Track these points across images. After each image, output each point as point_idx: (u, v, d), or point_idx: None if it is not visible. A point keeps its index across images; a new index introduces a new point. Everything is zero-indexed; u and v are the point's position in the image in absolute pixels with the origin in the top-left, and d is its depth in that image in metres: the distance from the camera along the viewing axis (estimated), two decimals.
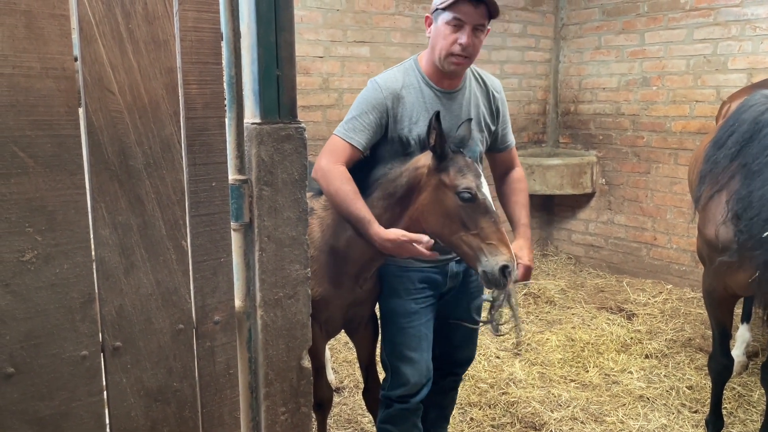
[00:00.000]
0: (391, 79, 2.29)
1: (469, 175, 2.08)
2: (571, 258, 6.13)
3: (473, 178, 2.08)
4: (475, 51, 2.24)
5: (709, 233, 2.71)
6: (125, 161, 1.23)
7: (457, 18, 2.17)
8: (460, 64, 2.23)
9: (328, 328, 2.47)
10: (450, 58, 2.21)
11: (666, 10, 5.23)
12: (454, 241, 2.10)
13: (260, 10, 1.38)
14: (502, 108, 2.46)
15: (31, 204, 1.13)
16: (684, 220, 5.26)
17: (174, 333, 1.34)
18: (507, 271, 2.03)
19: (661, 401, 3.48)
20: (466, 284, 2.51)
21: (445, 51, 2.21)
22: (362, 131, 2.22)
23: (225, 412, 1.45)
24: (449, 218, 2.09)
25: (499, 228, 2.06)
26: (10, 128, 1.10)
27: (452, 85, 2.33)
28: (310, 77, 4.80)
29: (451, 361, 2.65)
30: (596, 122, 5.86)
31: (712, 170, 2.77)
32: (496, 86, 2.46)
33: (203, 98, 1.31)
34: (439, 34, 2.22)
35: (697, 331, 4.40)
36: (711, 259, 2.80)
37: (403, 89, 2.27)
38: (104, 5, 1.17)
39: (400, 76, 2.31)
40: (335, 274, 2.32)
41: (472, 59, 2.26)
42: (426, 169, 2.12)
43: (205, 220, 1.35)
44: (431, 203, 2.11)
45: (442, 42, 2.21)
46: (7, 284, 1.12)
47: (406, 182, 2.15)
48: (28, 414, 1.18)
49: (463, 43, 2.17)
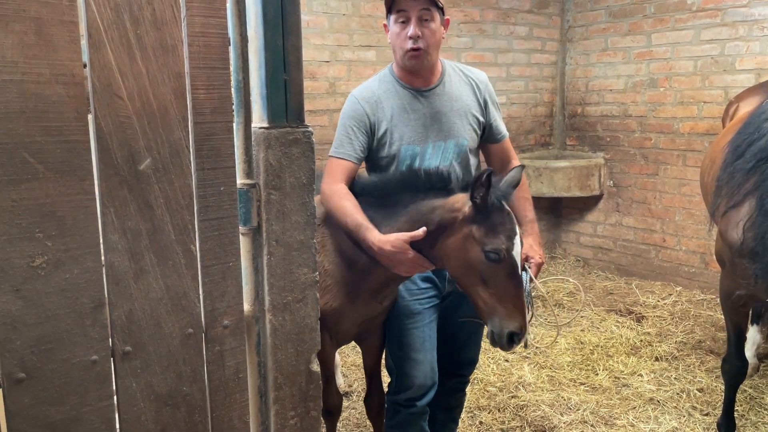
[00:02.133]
0: (367, 89, 2.36)
1: (502, 235, 1.99)
2: (580, 260, 6.10)
3: (505, 239, 1.99)
4: (429, 40, 2.23)
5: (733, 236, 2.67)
6: (134, 166, 1.23)
7: (399, 11, 2.22)
8: (416, 57, 2.24)
9: (338, 338, 2.43)
10: (406, 55, 2.25)
11: (673, 11, 5.22)
12: (471, 292, 2.07)
13: (267, 14, 1.38)
14: (489, 98, 2.45)
15: (41, 210, 1.14)
16: (693, 222, 5.23)
17: (183, 337, 1.34)
18: (516, 337, 2.02)
19: (671, 404, 3.46)
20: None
21: (400, 49, 2.26)
22: (349, 143, 2.28)
23: (234, 417, 1.45)
24: (471, 270, 2.03)
25: (519, 293, 2.03)
26: (21, 134, 1.10)
27: (427, 83, 2.35)
28: (316, 81, 4.82)
29: (455, 361, 2.64)
30: (603, 124, 5.84)
31: (730, 181, 2.73)
32: (480, 77, 2.45)
33: (211, 103, 1.32)
34: (393, 35, 2.29)
35: (708, 333, 4.37)
36: (733, 262, 2.77)
37: (381, 95, 2.32)
38: (113, 11, 1.17)
39: (376, 84, 2.37)
40: (353, 289, 2.28)
41: (430, 49, 2.25)
42: (461, 215, 2.03)
43: (214, 224, 1.35)
44: (457, 250, 2.05)
45: (398, 40, 2.26)
46: (18, 290, 1.13)
47: (437, 221, 2.06)
48: (39, 419, 1.18)
49: (411, 34, 2.20)
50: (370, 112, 2.30)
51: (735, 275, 2.75)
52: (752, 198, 2.55)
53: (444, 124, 2.33)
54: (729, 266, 2.82)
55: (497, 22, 5.68)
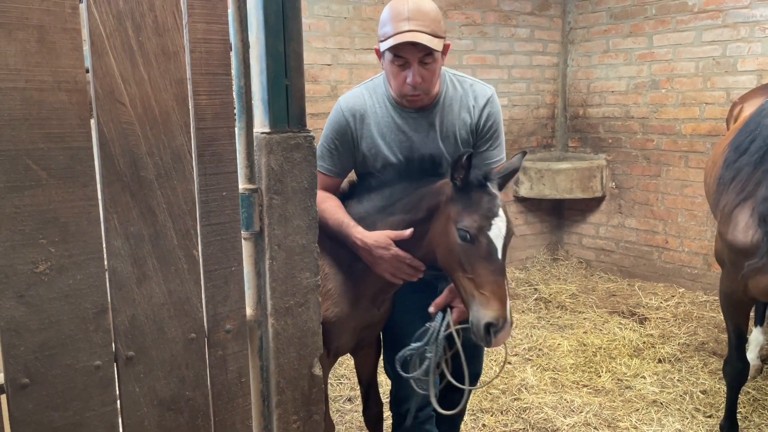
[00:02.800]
0: (354, 99, 2.26)
1: (476, 214, 1.91)
2: (582, 262, 6.10)
3: (479, 218, 1.90)
4: (430, 83, 2.13)
5: (734, 238, 2.68)
6: (137, 172, 1.24)
7: (399, 56, 2.08)
8: (416, 100, 2.15)
9: (338, 353, 2.36)
10: (405, 98, 2.15)
11: (674, 12, 5.22)
12: (455, 280, 1.98)
13: (269, 20, 1.39)
14: (485, 122, 2.25)
15: (44, 216, 1.14)
16: (696, 223, 5.23)
17: (186, 342, 1.34)
18: (493, 329, 1.86)
19: (674, 406, 3.45)
20: None
21: (398, 91, 2.15)
22: (330, 157, 2.23)
23: (237, 421, 1.46)
24: (451, 254, 1.95)
25: (496, 279, 1.88)
26: (24, 141, 1.11)
27: (425, 105, 2.22)
28: (318, 85, 4.82)
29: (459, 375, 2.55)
30: (605, 126, 5.84)
31: (736, 177, 2.74)
32: (479, 97, 2.26)
33: (213, 109, 1.32)
34: (389, 72, 2.16)
35: (711, 335, 4.37)
36: (732, 263, 2.77)
37: (368, 109, 2.23)
38: (115, 18, 1.18)
39: (367, 94, 2.26)
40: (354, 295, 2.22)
41: (430, 91, 2.16)
42: (444, 197, 1.99)
43: (216, 229, 1.36)
44: (440, 234, 1.99)
45: (394, 82, 2.14)
46: (22, 295, 1.13)
47: (426, 207, 2.03)
48: (43, 424, 1.19)
49: (411, 82, 2.08)
50: (353, 126, 2.22)
51: (735, 275, 2.75)
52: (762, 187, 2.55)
53: (431, 147, 2.22)
54: (729, 266, 2.82)
55: (498, 25, 5.69)
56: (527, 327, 4.57)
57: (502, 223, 1.92)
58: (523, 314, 4.85)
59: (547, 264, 6.07)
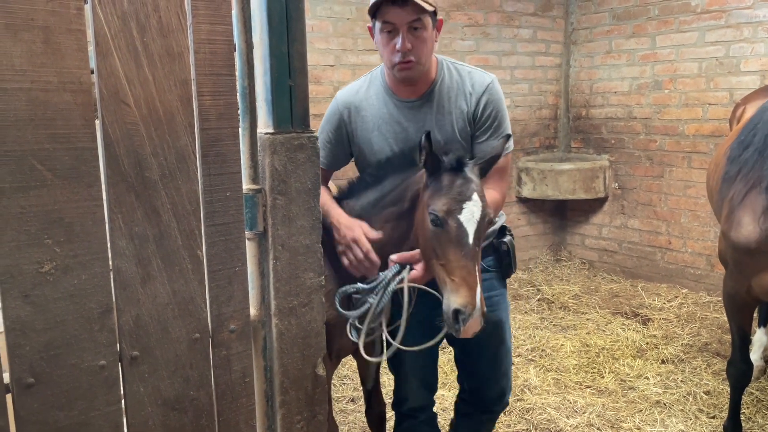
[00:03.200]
0: (351, 91, 2.24)
1: (444, 197, 1.85)
2: (585, 263, 6.09)
3: (448, 201, 1.84)
4: (420, 50, 2.04)
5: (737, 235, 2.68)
6: (141, 173, 1.24)
7: (386, 22, 2.01)
8: (407, 69, 2.05)
9: (340, 354, 2.31)
10: (395, 67, 2.07)
11: (677, 12, 5.21)
12: (432, 268, 1.90)
13: (272, 21, 1.40)
14: (482, 110, 2.14)
15: (49, 216, 1.15)
16: (699, 224, 5.22)
17: (190, 342, 1.35)
18: (460, 316, 1.79)
19: (678, 407, 3.45)
20: None
21: (389, 61, 2.08)
22: (322, 148, 2.20)
23: (241, 421, 1.46)
24: (426, 242, 1.90)
25: (466, 264, 1.81)
26: (29, 142, 1.11)
27: (416, 92, 2.16)
28: (321, 86, 4.83)
29: (482, 398, 2.45)
30: (608, 126, 5.84)
31: (741, 169, 2.74)
32: (477, 87, 2.15)
33: (217, 109, 1.33)
34: (380, 45, 2.10)
35: (714, 336, 4.36)
36: (736, 262, 2.77)
37: (363, 101, 2.19)
38: (120, 19, 1.18)
39: (364, 87, 2.23)
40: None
41: (422, 59, 2.06)
42: (422, 184, 1.95)
43: (220, 229, 1.36)
44: (419, 222, 1.95)
45: (385, 52, 2.08)
46: (27, 295, 1.14)
47: (410, 196, 2.00)
48: (48, 424, 1.19)
49: (400, 48, 2.01)
50: (347, 119, 2.19)
51: (739, 275, 2.74)
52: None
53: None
54: (732, 266, 2.81)
55: (501, 25, 5.69)
56: (530, 328, 4.57)
57: (476, 207, 1.85)
58: (525, 315, 4.85)
59: (549, 265, 6.07)
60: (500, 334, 2.34)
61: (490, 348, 2.33)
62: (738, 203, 2.71)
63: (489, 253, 2.30)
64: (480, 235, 1.87)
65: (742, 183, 2.73)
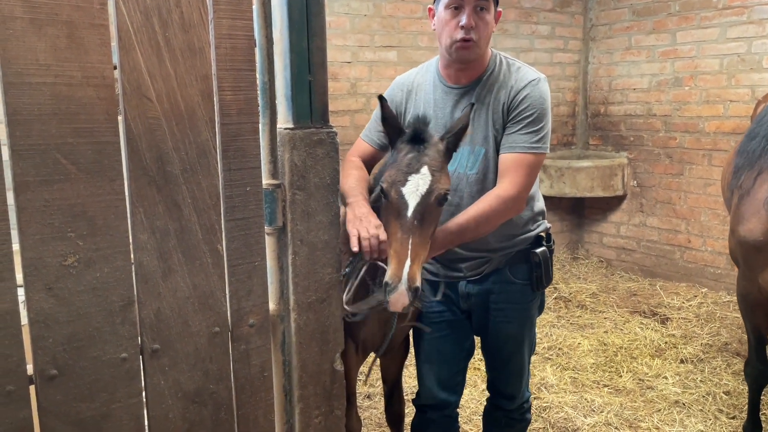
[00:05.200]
0: (406, 76, 2.30)
1: (393, 168, 1.85)
2: (603, 261, 6.05)
3: (395, 172, 1.84)
4: (482, 32, 2.04)
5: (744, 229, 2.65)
6: (163, 167, 1.25)
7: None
8: (466, 48, 2.04)
9: (366, 345, 2.31)
10: (455, 45, 2.04)
11: (698, 8, 5.15)
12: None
13: (293, 16, 1.40)
14: (519, 103, 2.09)
15: (72, 210, 1.16)
16: (719, 222, 5.16)
17: (210, 336, 1.36)
18: (387, 289, 1.76)
19: (697, 407, 3.41)
20: (485, 310, 2.26)
21: (449, 39, 2.05)
22: (374, 127, 2.25)
23: (260, 415, 1.47)
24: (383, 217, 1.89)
25: (401, 236, 1.78)
26: (53, 136, 1.12)
27: (468, 78, 2.14)
28: (338, 82, 4.84)
29: (496, 390, 2.46)
30: (627, 123, 5.78)
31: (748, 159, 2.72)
32: (521, 80, 2.11)
33: (237, 104, 1.33)
34: (441, 22, 2.09)
35: (734, 336, 4.31)
36: (746, 260, 2.73)
37: (416, 86, 2.24)
38: (142, 14, 1.19)
39: (421, 72, 2.28)
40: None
41: (481, 42, 2.05)
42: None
43: (240, 224, 1.37)
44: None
45: (445, 29, 2.07)
46: (50, 288, 1.15)
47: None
48: (71, 415, 1.20)
49: (465, 24, 2.00)
50: (400, 100, 2.24)
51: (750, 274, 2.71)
52: None
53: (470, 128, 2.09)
54: (743, 265, 2.78)
55: (519, 21, 5.65)
56: (547, 326, 4.54)
57: (422, 180, 1.81)
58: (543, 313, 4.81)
59: (567, 263, 6.03)
60: (514, 346, 2.33)
61: (503, 353, 2.35)
62: (745, 194, 2.68)
63: (521, 262, 2.25)
64: (425, 209, 1.82)
65: (748, 172, 2.70)
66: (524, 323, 2.32)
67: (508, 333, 2.30)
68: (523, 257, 2.24)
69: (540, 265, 2.23)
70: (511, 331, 2.29)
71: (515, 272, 2.25)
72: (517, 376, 2.38)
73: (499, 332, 2.29)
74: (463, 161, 2.15)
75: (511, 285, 2.24)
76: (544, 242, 2.27)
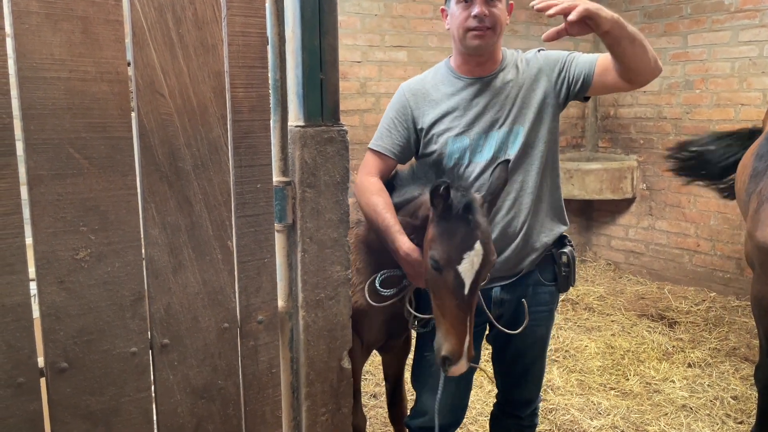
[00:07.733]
0: (417, 80, 2.23)
1: (446, 244, 1.80)
2: (611, 264, 6.02)
3: (450, 249, 1.79)
4: (496, 20, 2.02)
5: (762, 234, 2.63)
6: (174, 163, 1.26)
7: None
8: (480, 36, 2.01)
9: (370, 340, 2.31)
10: (468, 34, 2.02)
11: (710, 11, 5.12)
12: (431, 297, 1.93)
13: (305, 15, 1.40)
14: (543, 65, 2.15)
15: (85, 204, 1.17)
16: (729, 226, 5.13)
17: (219, 331, 1.36)
18: (447, 363, 1.80)
19: (704, 411, 3.39)
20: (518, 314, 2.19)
21: (461, 29, 2.03)
22: (388, 136, 2.17)
23: (267, 411, 1.47)
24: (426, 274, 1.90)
25: (459, 314, 1.79)
26: (67, 130, 1.13)
27: (485, 70, 2.12)
28: (347, 82, 4.84)
29: (510, 400, 2.42)
30: (637, 126, 5.76)
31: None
32: (528, 54, 2.18)
33: (249, 101, 1.34)
34: (454, 18, 2.07)
35: (742, 340, 4.28)
36: (762, 264, 2.72)
37: (431, 86, 2.17)
38: (156, 11, 1.20)
39: (430, 75, 2.22)
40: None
41: (496, 30, 2.03)
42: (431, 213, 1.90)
43: (250, 221, 1.37)
44: (424, 249, 1.92)
45: (458, 21, 2.04)
46: (62, 281, 1.16)
47: (421, 216, 1.97)
48: (80, 408, 1.21)
49: (477, 13, 1.98)
50: (413, 105, 2.15)
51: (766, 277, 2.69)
52: None
53: (499, 111, 2.11)
54: (759, 268, 2.76)
55: (529, 23, 5.64)
56: (554, 328, 4.51)
57: (477, 257, 1.80)
58: None
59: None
60: (540, 348, 2.31)
61: (527, 357, 2.30)
62: (765, 200, 2.67)
63: (548, 263, 2.22)
64: (478, 283, 1.84)
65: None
66: (550, 326, 2.31)
67: (536, 336, 2.26)
68: (550, 258, 2.23)
69: (568, 264, 2.22)
70: (539, 334, 2.26)
71: (544, 274, 2.22)
72: (537, 380, 2.37)
73: (527, 336, 2.21)
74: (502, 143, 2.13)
75: (541, 287, 2.22)
76: (567, 242, 2.26)
